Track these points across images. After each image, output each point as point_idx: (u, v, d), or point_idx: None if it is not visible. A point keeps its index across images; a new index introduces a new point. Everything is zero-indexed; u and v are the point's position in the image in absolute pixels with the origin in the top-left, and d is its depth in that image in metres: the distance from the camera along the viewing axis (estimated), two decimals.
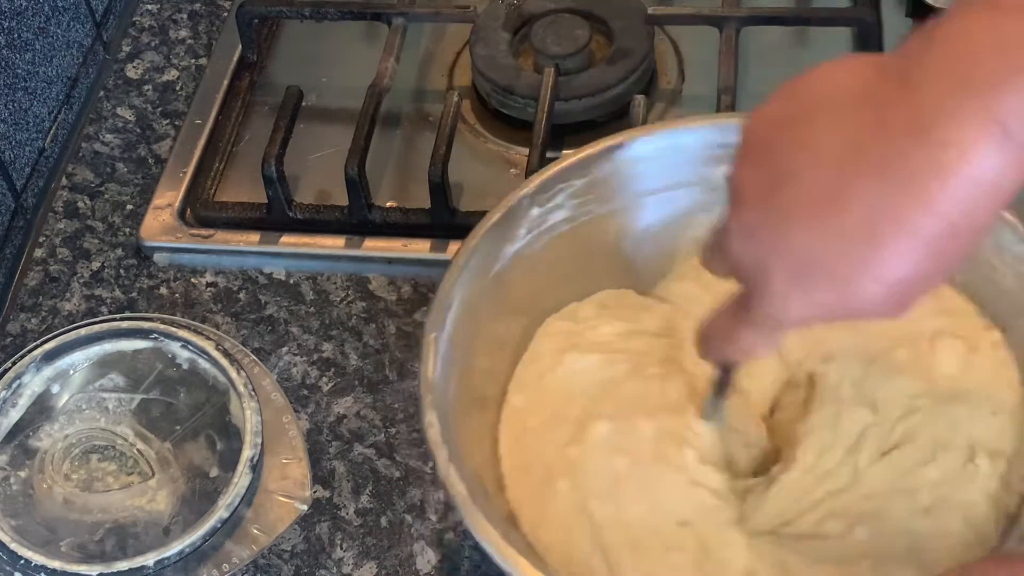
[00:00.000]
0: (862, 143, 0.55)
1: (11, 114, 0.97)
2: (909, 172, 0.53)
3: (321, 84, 1.05)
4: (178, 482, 0.82)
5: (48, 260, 0.96)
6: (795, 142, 0.57)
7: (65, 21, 1.04)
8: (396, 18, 1.03)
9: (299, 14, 1.05)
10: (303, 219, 0.95)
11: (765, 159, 0.58)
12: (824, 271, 0.56)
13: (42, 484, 0.82)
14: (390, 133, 1.00)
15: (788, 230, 0.57)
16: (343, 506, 0.82)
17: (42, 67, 1.01)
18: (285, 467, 0.83)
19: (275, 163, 0.93)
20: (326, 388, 0.88)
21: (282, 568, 0.80)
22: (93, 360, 0.87)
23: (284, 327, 0.91)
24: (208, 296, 0.93)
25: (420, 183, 0.93)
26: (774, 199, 0.57)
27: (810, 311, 0.58)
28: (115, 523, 0.81)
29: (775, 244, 0.58)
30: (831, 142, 0.56)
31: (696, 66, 1.03)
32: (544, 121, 0.94)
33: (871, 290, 0.56)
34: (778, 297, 0.58)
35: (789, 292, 0.58)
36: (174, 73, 1.07)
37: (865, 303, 0.56)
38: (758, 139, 0.60)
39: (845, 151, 0.55)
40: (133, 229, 0.97)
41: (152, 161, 1.01)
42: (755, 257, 0.59)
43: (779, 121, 0.59)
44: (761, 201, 0.58)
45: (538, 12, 1.02)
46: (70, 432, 0.84)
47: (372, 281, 0.93)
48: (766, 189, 0.58)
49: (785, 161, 0.57)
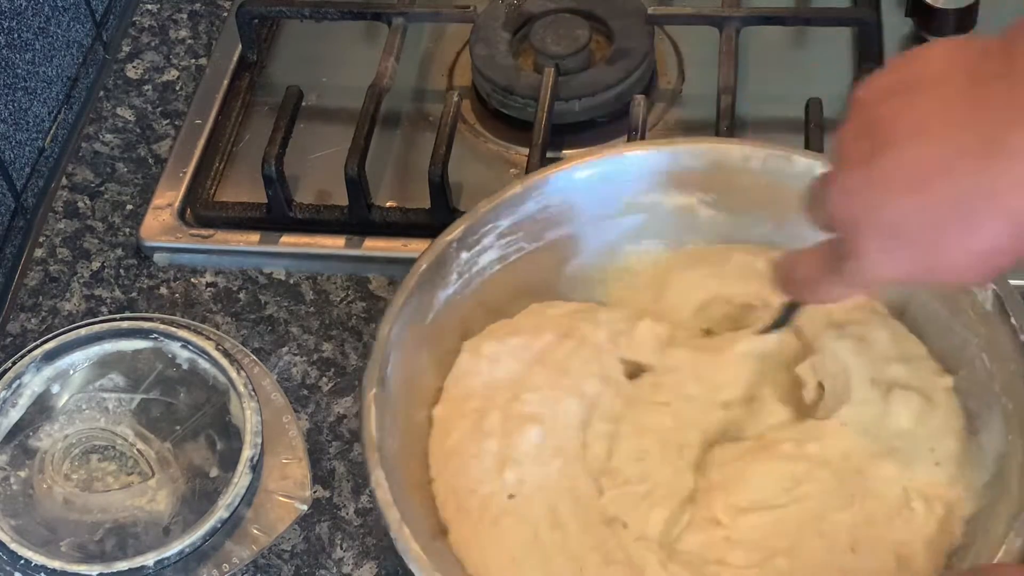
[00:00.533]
0: (963, 121, 0.58)
1: (11, 114, 0.97)
2: (1007, 154, 0.56)
3: (321, 84, 1.04)
4: (178, 482, 0.82)
5: (48, 260, 0.96)
6: (899, 113, 0.60)
7: (65, 21, 1.04)
8: (396, 18, 1.03)
9: (299, 14, 1.05)
10: (303, 219, 0.95)
11: (870, 126, 0.61)
12: (917, 239, 0.60)
13: (42, 484, 0.82)
14: (390, 133, 1.00)
15: (886, 197, 0.60)
16: (343, 506, 0.82)
17: (42, 67, 1.01)
18: (285, 467, 0.83)
19: (275, 163, 0.93)
20: (326, 388, 0.88)
21: (282, 568, 0.80)
22: (93, 360, 0.87)
23: (284, 327, 0.91)
24: (208, 296, 0.93)
25: (420, 183, 0.93)
26: (875, 166, 0.60)
27: (897, 273, 0.63)
28: (115, 523, 0.81)
29: (872, 209, 0.61)
30: (933, 117, 0.59)
31: (696, 66, 1.03)
32: (544, 121, 0.94)
33: (960, 260, 0.60)
34: (870, 258, 0.62)
35: (881, 254, 0.62)
36: (174, 73, 1.07)
37: (951, 270, 0.61)
38: (866, 106, 0.62)
39: (946, 127, 0.58)
40: (133, 229, 0.97)
41: (152, 161, 1.01)
42: (852, 218, 0.62)
43: (886, 91, 0.62)
44: (862, 165, 0.61)
45: (538, 12, 1.02)
46: (70, 432, 0.84)
47: (372, 281, 0.93)
48: (868, 154, 0.61)
49: (888, 130, 0.60)
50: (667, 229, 0.84)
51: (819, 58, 1.03)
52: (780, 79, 1.02)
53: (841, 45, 1.02)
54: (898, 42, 1.01)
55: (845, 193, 0.62)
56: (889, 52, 1.00)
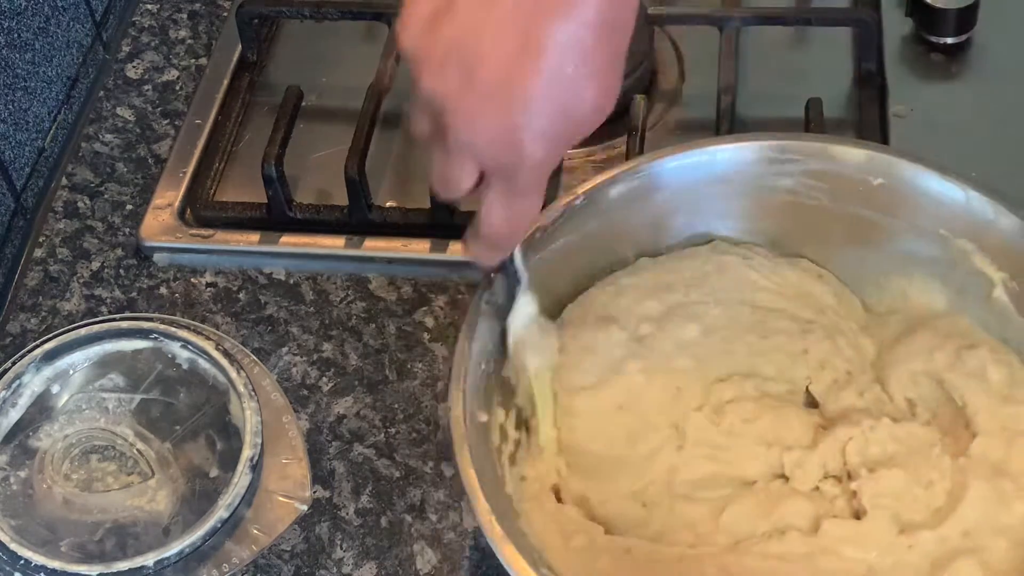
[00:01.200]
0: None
1: (11, 114, 0.97)
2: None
3: (321, 84, 1.04)
4: (178, 482, 0.82)
5: (48, 260, 0.96)
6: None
7: (65, 21, 1.04)
8: (396, 18, 1.02)
9: (299, 14, 1.05)
10: (303, 219, 0.95)
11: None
12: (486, 58, 0.61)
13: (42, 484, 0.82)
14: (390, 133, 1.00)
15: (450, 41, 0.62)
16: (343, 506, 0.82)
17: (42, 67, 1.01)
18: (285, 467, 0.83)
19: (275, 163, 0.93)
20: (326, 388, 0.88)
21: (282, 568, 0.80)
22: (93, 360, 0.87)
23: (284, 327, 0.91)
24: (208, 296, 0.93)
25: (420, 183, 0.93)
26: (438, 30, 0.62)
27: (489, 120, 0.63)
28: (115, 523, 0.81)
29: (444, 65, 0.62)
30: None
31: (696, 66, 1.03)
32: None
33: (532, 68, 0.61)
34: (459, 114, 0.63)
35: (463, 99, 0.62)
36: (174, 73, 1.07)
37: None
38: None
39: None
40: (133, 229, 0.97)
41: (152, 161, 1.01)
42: (434, 91, 0.63)
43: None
44: (427, 34, 0.63)
45: None
46: (70, 432, 0.84)
47: (372, 281, 0.93)
48: (430, 23, 0.63)
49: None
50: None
51: (819, 58, 1.03)
52: (780, 79, 1.02)
53: (841, 45, 1.02)
54: (898, 42, 1.01)
55: (426, 72, 0.63)
56: (889, 52, 1.00)
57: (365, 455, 0.84)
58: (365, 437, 0.85)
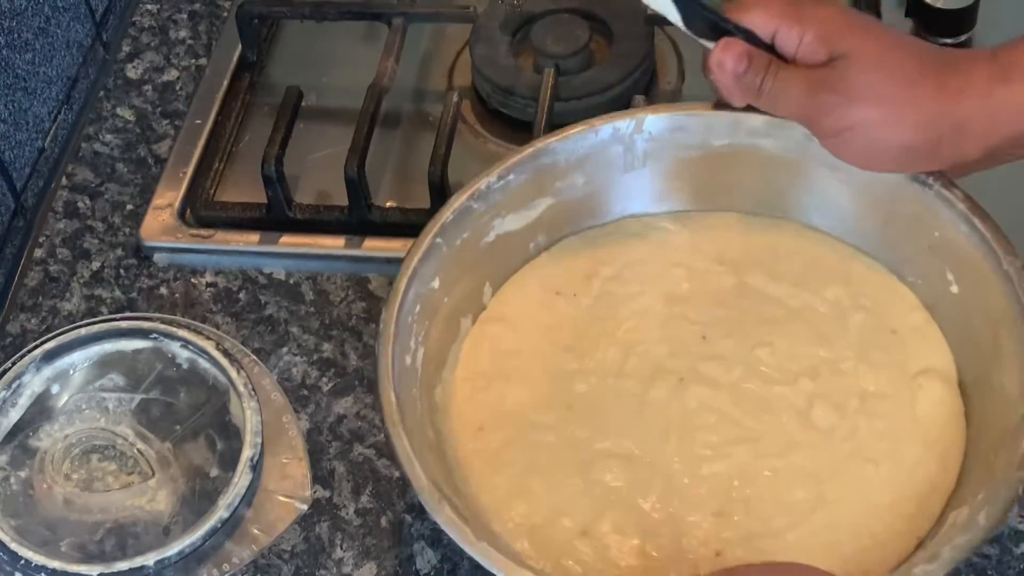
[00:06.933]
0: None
1: (11, 114, 0.97)
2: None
3: (321, 84, 1.05)
4: (178, 482, 0.82)
5: (48, 260, 0.96)
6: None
7: (65, 21, 1.04)
8: (396, 18, 1.03)
9: (299, 14, 1.05)
10: (303, 219, 0.95)
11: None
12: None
13: (42, 484, 0.82)
14: (390, 133, 1.00)
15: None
16: (343, 506, 0.82)
17: (42, 67, 1.01)
18: (285, 467, 0.83)
19: (275, 163, 0.93)
20: (326, 388, 0.88)
21: (282, 568, 0.80)
22: (93, 360, 0.87)
23: (284, 327, 0.91)
24: (208, 296, 0.93)
25: (420, 183, 0.93)
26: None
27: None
28: (115, 523, 0.81)
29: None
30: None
31: (696, 66, 1.02)
32: (544, 121, 0.94)
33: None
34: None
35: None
36: (174, 73, 1.07)
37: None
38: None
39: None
40: (133, 229, 0.97)
41: (152, 161, 1.01)
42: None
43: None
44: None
45: (538, 12, 1.02)
46: (70, 432, 0.84)
47: (372, 281, 0.93)
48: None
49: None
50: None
51: None
52: None
53: None
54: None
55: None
56: None
57: (365, 455, 0.84)
58: (365, 437, 0.85)
